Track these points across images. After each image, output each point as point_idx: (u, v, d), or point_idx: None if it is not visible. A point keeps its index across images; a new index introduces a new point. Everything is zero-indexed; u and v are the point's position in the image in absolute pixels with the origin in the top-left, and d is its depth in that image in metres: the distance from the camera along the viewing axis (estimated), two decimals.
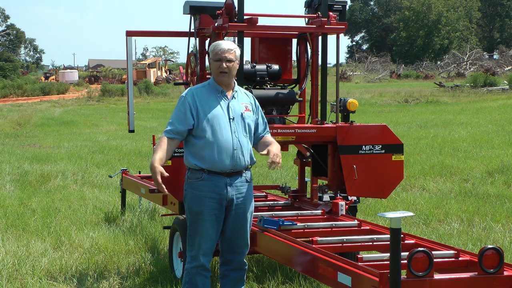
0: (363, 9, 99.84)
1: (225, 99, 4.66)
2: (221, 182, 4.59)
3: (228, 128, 4.60)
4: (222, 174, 4.59)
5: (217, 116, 4.58)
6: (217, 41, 4.72)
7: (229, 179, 4.61)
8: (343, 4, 6.37)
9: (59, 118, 28.76)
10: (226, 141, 4.57)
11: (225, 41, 4.76)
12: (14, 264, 6.27)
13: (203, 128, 4.57)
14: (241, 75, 5.90)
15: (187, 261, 4.71)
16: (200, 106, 4.59)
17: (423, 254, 3.87)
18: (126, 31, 6.61)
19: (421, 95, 35.09)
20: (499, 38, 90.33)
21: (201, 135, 4.57)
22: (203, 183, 4.58)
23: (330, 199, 6.17)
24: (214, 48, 4.62)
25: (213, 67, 4.63)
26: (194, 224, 4.63)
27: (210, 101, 4.62)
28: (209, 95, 4.65)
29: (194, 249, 4.64)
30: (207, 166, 4.56)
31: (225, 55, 4.58)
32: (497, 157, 12.87)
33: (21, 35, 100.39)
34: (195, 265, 4.65)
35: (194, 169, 4.61)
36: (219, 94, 4.66)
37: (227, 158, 4.57)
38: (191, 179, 4.63)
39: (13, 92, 50.63)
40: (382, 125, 6.09)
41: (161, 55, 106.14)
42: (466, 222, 8.01)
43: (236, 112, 4.65)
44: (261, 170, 12.19)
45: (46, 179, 11.57)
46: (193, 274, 4.66)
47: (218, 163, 4.56)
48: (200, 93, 4.65)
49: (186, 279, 4.71)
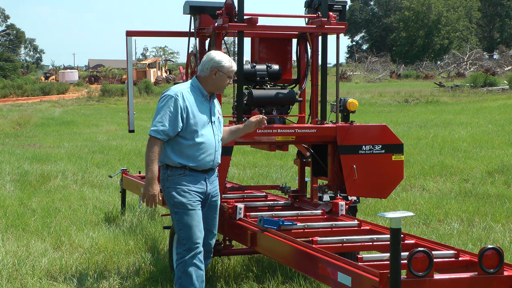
0: (363, 9, 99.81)
1: (208, 103, 4.92)
2: (201, 178, 4.86)
3: (211, 130, 4.88)
4: (201, 171, 4.85)
5: (203, 120, 4.83)
6: (223, 55, 4.92)
7: (207, 175, 4.90)
8: (343, 4, 6.37)
9: (59, 118, 28.77)
10: (209, 143, 4.85)
11: (226, 56, 4.95)
12: (14, 264, 6.27)
13: (191, 130, 4.78)
14: (241, 75, 5.91)
15: (180, 256, 4.80)
16: (190, 109, 4.78)
17: (423, 254, 3.87)
18: (126, 31, 6.61)
19: (421, 95, 35.09)
20: (499, 38, 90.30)
21: (187, 137, 4.78)
22: (187, 178, 4.80)
23: (330, 199, 6.16)
24: (230, 67, 4.88)
25: (222, 82, 4.90)
26: (183, 217, 4.79)
27: (197, 104, 4.85)
28: (196, 98, 4.87)
29: (188, 241, 4.77)
30: (191, 165, 4.79)
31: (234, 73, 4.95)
32: (497, 157, 12.87)
33: (21, 35, 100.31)
34: (190, 255, 4.77)
35: (176, 167, 4.80)
36: (203, 98, 4.90)
37: (210, 159, 4.86)
38: (172, 176, 4.81)
39: (13, 92, 50.64)
40: (382, 125, 6.09)
41: (161, 55, 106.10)
42: (466, 222, 8.01)
43: (215, 116, 4.97)
44: (261, 170, 12.19)
45: (46, 179, 11.57)
46: (188, 265, 4.77)
47: (202, 162, 4.82)
48: (188, 96, 4.83)
49: (179, 273, 4.80)
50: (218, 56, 4.87)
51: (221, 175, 5.65)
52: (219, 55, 4.89)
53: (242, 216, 5.65)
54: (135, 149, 15.80)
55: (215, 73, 4.85)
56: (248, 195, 6.82)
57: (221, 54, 4.91)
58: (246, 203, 6.00)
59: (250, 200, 6.59)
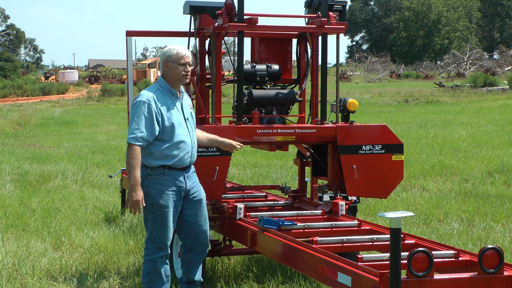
0: (363, 9, 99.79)
1: (178, 101, 4.98)
2: (180, 175, 4.94)
3: (186, 128, 4.95)
4: (180, 169, 4.94)
5: (177, 120, 4.91)
6: (172, 46, 4.99)
7: (185, 172, 4.98)
8: (343, 4, 6.37)
9: (59, 118, 28.77)
10: (186, 142, 4.92)
11: (180, 46, 5.00)
12: (14, 264, 6.27)
13: (167, 133, 4.86)
14: (241, 75, 5.91)
15: (149, 252, 4.97)
16: (163, 112, 4.85)
17: (423, 254, 3.87)
18: (126, 31, 6.60)
19: (421, 95, 35.09)
20: (499, 38, 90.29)
21: (165, 138, 4.88)
22: (165, 177, 4.89)
23: (330, 199, 6.16)
24: (177, 53, 4.89)
25: (176, 71, 4.90)
26: (159, 217, 4.90)
27: (169, 105, 4.91)
28: (166, 99, 4.92)
29: (161, 240, 4.93)
30: (169, 164, 4.87)
31: (188, 60, 4.91)
32: (497, 157, 12.87)
33: (21, 35, 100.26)
34: (161, 254, 4.95)
35: (155, 167, 4.89)
36: (173, 96, 4.95)
37: (187, 156, 4.95)
38: (152, 176, 4.89)
39: (13, 92, 50.63)
40: (382, 125, 6.09)
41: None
42: (466, 222, 8.01)
43: (187, 112, 5.03)
44: (261, 170, 12.19)
45: (46, 179, 11.57)
46: (157, 263, 4.95)
47: (180, 161, 4.91)
48: (159, 98, 4.88)
49: (148, 269, 4.97)
50: (166, 48, 4.98)
51: (221, 175, 5.66)
52: (168, 47, 4.97)
53: (242, 216, 5.65)
54: None
55: (165, 65, 4.93)
56: (248, 195, 6.82)
57: (171, 46, 4.98)
58: (246, 203, 5.99)
59: (250, 200, 6.59)
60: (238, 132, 5.78)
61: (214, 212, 5.90)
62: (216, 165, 5.58)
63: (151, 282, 4.97)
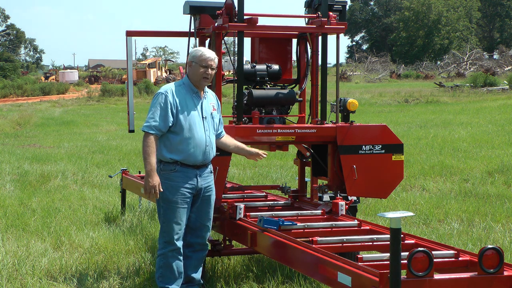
0: (363, 9, 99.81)
1: (198, 99, 5.12)
2: (192, 173, 5.07)
3: (202, 126, 5.09)
4: (193, 167, 5.07)
5: (193, 115, 5.03)
6: (200, 47, 5.22)
7: (198, 171, 5.11)
8: (343, 4, 6.37)
9: (59, 118, 28.77)
10: (200, 139, 5.05)
11: (208, 49, 5.18)
12: (14, 264, 6.27)
13: (180, 126, 4.99)
14: (241, 75, 5.91)
15: (161, 246, 5.13)
16: (179, 105, 5.00)
17: (423, 254, 3.87)
18: (126, 31, 6.60)
19: (421, 95, 35.09)
20: (499, 38, 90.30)
21: (178, 132, 5.00)
22: (177, 174, 5.04)
23: (330, 199, 6.16)
24: (201, 55, 5.05)
25: (196, 72, 5.06)
26: (168, 212, 5.07)
27: (187, 100, 5.06)
28: (186, 94, 5.08)
29: (169, 234, 5.08)
30: (181, 159, 5.02)
31: (211, 63, 5.07)
32: (497, 157, 12.87)
33: (21, 35, 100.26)
34: (170, 249, 5.08)
35: (168, 162, 5.05)
36: (194, 94, 5.10)
37: (200, 154, 5.06)
38: (164, 171, 5.06)
39: (13, 92, 50.62)
40: (382, 125, 6.09)
41: (161, 55, 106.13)
42: (466, 222, 8.01)
43: (207, 112, 5.16)
44: (261, 170, 12.19)
45: (46, 179, 11.57)
46: (169, 257, 5.08)
47: (192, 157, 5.04)
48: (178, 92, 5.05)
49: (160, 263, 5.12)
50: (194, 49, 5.18)
51: (221, 175, 5.66)
52: (196, 48, 5.18)
53: (242, 216, 5.65)
54: (135, 149, 15.79)
55: (190, 64, 5.11)
56: (248, 195, 6.82)
57: (197, 48, 5.18)
58: (246, 203, 5.99)
59: (250, 200, 6.59)
60: (238, 132, 5.78)
61: (214, 212, 5.89)
62: (216, 165, 5.57)
63: (163, 276, 5.12)
